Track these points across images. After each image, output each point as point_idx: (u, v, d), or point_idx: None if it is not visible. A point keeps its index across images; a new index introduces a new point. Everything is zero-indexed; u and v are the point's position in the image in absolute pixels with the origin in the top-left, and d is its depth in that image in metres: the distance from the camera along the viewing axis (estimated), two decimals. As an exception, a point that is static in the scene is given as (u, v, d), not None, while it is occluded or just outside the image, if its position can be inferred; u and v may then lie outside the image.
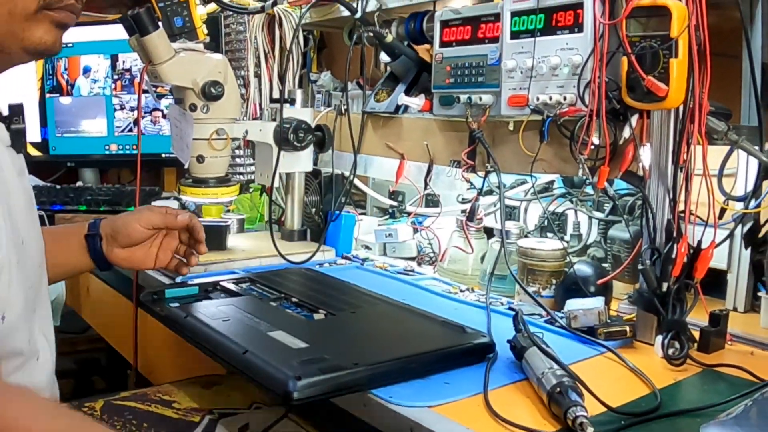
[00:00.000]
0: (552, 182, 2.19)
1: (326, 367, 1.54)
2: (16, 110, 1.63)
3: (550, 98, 1.89)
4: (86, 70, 3.87)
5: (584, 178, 2.01)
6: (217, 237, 2.59)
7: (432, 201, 2.68)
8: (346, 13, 2.66)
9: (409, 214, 2.72)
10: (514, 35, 1.99)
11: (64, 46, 2.87)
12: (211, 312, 1.91)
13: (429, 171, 2.47)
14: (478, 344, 1.70)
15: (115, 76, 3.92)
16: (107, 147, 3.99)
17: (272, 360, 1.59)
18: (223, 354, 1.71)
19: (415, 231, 2.62)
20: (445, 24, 2.20)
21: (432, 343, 1.75)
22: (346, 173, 2.80)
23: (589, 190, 2.28)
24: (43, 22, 1.50)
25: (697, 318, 1.75)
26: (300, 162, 2.69)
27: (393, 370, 1.60)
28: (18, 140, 1.65)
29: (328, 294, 2.16)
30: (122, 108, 3.92)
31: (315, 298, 2.07)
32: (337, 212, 2.79)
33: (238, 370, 1.65)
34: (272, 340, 1.71)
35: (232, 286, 2.17)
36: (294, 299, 2.07)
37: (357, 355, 1.62)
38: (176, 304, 1.91)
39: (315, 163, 2.82)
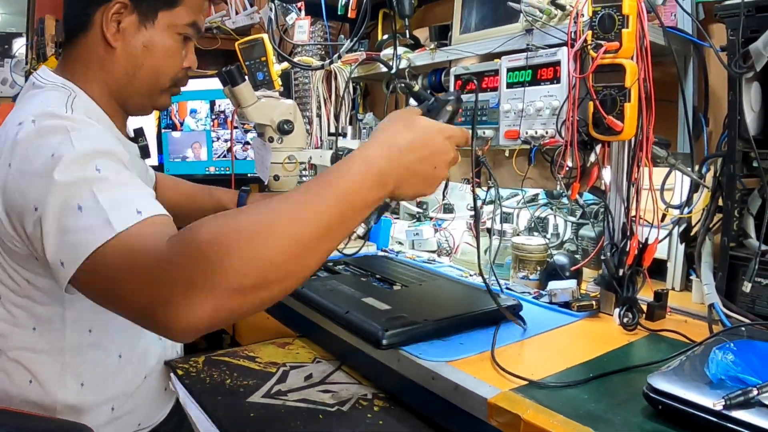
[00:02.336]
0: (537, 194, 2.19)
1: (404, 322, 1.64)
2: (139, 132, 1.76)
3: (536, 132, 1.90)
4: (192, 112, 3.90)
5: (561, 191, 2.02)
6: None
7: (448, 208, 2.69)
8: (384, 69, 2.67)
9: (431, 218, 2.73)
10: (509, 85, 1.99)
11: (176, 94, 2.88)
12: (318, 285, 2.00)
13: (446, 186, 2.47)
14: (511, 306, 1.77)
15: (213, 116, 3.94)
16: (207, 169, 3.99)
17: (366, 317, 1.68)
18: (332, 314, 1.80)
19: (436, 231, 2.63)
20: (458, 77, 2.21)
21: (479, 305, 1.83)
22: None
23: (564, 200, 2.29)
24: (167, 93, 1.72)
25: (645, 295, 1.76)
26: (350, 180, 2.71)
27: (451, 324, 1.70)
28: (143, 153, 1.75)
29: (400, 272, 2.24)
30: (218, 140, 3.93)
31: (392, 275, 2.17)
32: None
33: (342, 324, 1.73)
34: (365, 304, 1.81)
35: (332, 266, 2.32)
36: (377, 276, 2.17)
37: (426, 313, 1.71)
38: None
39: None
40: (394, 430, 1.48)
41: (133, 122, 1.84)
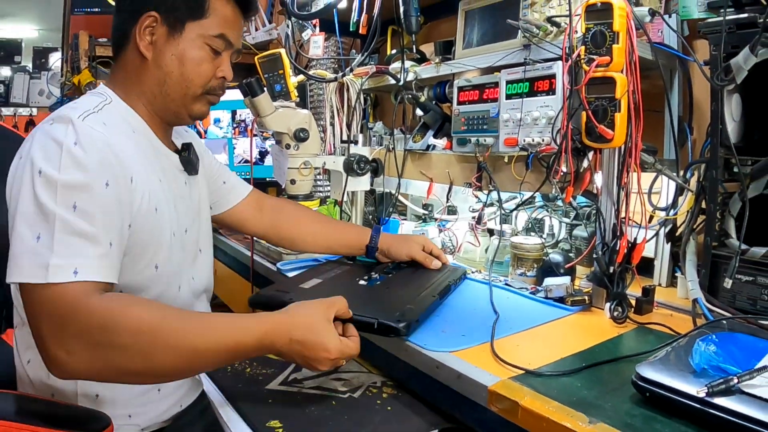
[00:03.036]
0: (534, 197, 2.19)
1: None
2: (186, 146, 1.73)
3: (533, 140, 1.90)
4: (216, 121, 3.90)
5: (556, 194, 2.02)
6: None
7: (452, 210, 2.69)
8: (393, 81, 2.67)
9: (436, 219, 2.73)
10: (509, 97, 1.99)
11: None
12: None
13: (450, 190, 2.48)
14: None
15: (234, 125, 3.94)
16: (230, 173, 4.01)
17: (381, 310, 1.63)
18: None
19: (440, 231, 2.62)
20: (461, 89, 2.21)
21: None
22: (393, 191, 2.80)
23: (559, 203, 2.29)
24: (202, 101, 1.68)
25: (634, 291, 1.76)
26: (361, 183, 2.71)
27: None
28: (189, 166, 1.74)
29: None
30: (239, 146, 3.94)
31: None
32: (387, 218, 2.80)
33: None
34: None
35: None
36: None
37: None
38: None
39: (371, 185, 2.83)
40: (402, 415, 1.49)
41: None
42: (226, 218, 2.15)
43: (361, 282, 1.90)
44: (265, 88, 2.37)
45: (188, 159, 1.73)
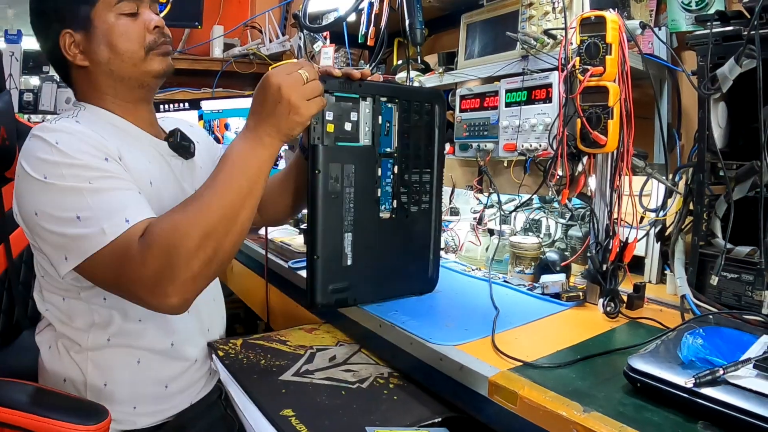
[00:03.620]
0: (531, 199, 2.20)
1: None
2: (171, 132, 1.72)
3: (531, 145, 1.90)
4: (227, 127, 3.88)
5: (553, 196, 2.02)
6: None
7: (454, 211, 2.69)
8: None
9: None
10: (508, 105, 1.99)
11: (217, 111, 2.84)
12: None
13: (452, 192, 2.48)
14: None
15: (250, 131, 3.96)
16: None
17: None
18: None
19: (444, 231, 2.63)
20: (463, 97, 2.21)
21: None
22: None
23: (555, 204, 2.29)
24: (153, 59, 1.61)
25: (626, 287, 1.76)
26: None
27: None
28: (181, 150, 1.73)
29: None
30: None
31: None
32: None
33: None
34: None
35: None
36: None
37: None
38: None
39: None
40: (407, 404, 1.49)
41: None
42: None
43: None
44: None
45: (177, 144, 1.72)
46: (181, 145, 1.72)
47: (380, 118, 1.73)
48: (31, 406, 1.36)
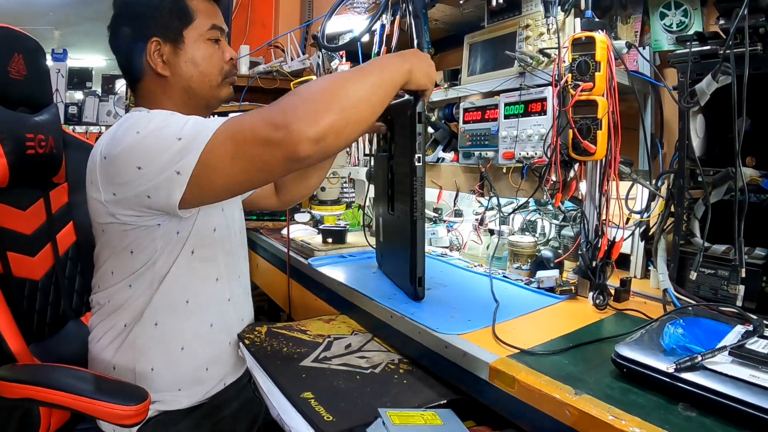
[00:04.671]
0: (528, 202, 2.20)
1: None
2: None
3: (527, 154, 1.90)
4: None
5: (547, 200, 2.02)
6: (340, 235, 2.63)
7: (458, 213, 2.69)
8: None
9: (445, 221, 2.73)
10: (506, 117, 1.99)
11: None
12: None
13: (456, 196, 2.48)
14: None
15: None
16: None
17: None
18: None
19: (448, 231, 2.63)
20: (466, 110, 2.21)
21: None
22: (408, 197, 2.81)
23: (550, 207, 2.29)
24: (225, 86, 1.74)
25: (613, 282, 1.76)
26: (381, 191, 2.72)
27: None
28: None
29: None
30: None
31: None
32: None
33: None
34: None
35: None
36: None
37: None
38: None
39: (390, 191, 2.83)
40: (415, 388, 1.49)
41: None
42: (253, 201, 2.23)
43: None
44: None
45: None
46: None
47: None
48: (77, 389, 1.37)
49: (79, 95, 5.10)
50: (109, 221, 1.50)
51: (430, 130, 2.80)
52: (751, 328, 1.29)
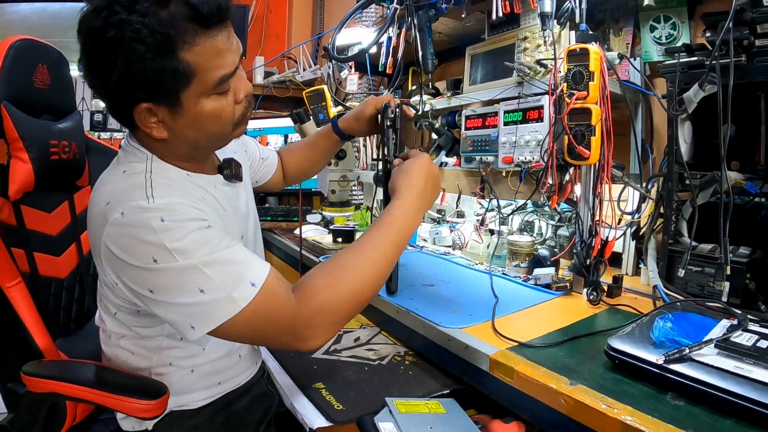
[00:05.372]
0: (526, 204, 2.20)
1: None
2: (228, 161, 1.50)
3: (525, 158, 1.90)
4: (268, 143, 3.89)
5: (544, 201, 2.02)
6: (350, 235, 2.64)
7: (460, 214, 2.69)
8: (413, 111, 2.68)
9: (448, 221, 2.73)
10: (506, 124, 1.99)
11: (259, 129, 2.81)
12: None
13: (459, 198, 2.48)
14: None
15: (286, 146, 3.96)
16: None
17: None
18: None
19: (451, 231, 2.63)
20: (467, 117, 2.21)
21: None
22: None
23: (546, 208, 2.29)
24: (237, 130, 1.35)
25: (606, 279, 1.76)
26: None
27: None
28: (232, 178, 1.50)
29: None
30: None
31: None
32: (408, 220, 2.82)
33: None
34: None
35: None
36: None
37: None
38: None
39: (396, 194, 2.83)
40: (420, 378, 1.50)
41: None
42: (264, 187, 2.09)
43: None
44: (311, 117, 2.39)
45: (231, 174, 1.50)
46: (233, 174, 1.51)
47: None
48: (99, 384, 1.38)
49: (103, 104, 5.11)
50: (106, 279, 1.31)
51: (434, 136, 2.80)
52: (735, 322, 1.29)
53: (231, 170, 1.50)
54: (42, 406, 1.52)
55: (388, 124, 1.66)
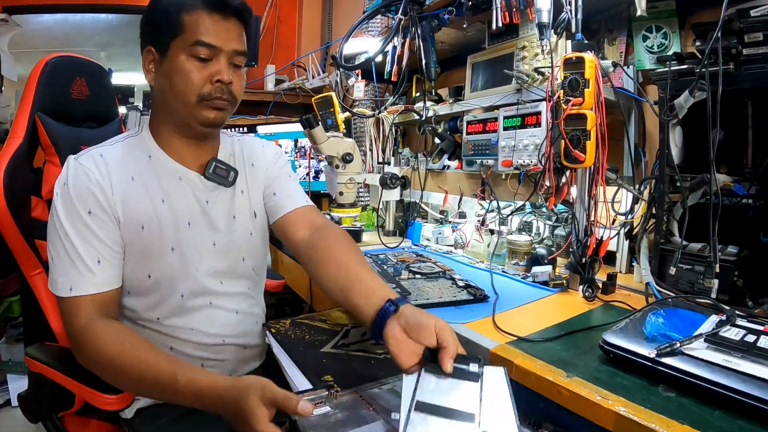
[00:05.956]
0: (524, 205, 2.20)
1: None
2: (210, 162, 1.58)
3: (524, 162, 1.90)
4: (279, 146, 3.90)
5: (542, 203, 2.02)
6: (356, 234, 2.65)
7: (462, 215, 2.70)
8: (417, 117, 2.68)
9: (450, 222, 2.74)
10: (505, 129, 2.00)
11: (270, 134, 2.82)
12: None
13: (460, 199, 2.48)
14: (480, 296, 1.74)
15: (296, 150, 3.96)
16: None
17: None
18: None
19: (453, 231, 2.63)
20: (468, 123, 2.22)
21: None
22: (417, 201, 2.82)
23: (544, 209, 2.29)
24: (203, 107, 1.44)
25: (601, 276, 1.76)
26: (393, 195, 2.72)
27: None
28: (218, 179, 1.58)
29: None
30: (300, 167, 3.96)
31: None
32: (413, 221, 2.82)
33: None
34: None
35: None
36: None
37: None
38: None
39: (401, 195, 2.83)
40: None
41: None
42: (274, 229, 1.74)
43: None
44: (319, 122, 2.39)
45: (212, 175, 1.57)
46: (216, 176, 1.58)
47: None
48: (72, 373, 1.44)
49: (122, 110, 5.13)
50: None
51: (437, 140, 2.81)
52: (724, 317, 1.30)
53: (212, 170, 1.57)
54: (44, 384, 1.55)
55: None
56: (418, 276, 1.97)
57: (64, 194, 1.37)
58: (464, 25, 2.27)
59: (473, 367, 1.13)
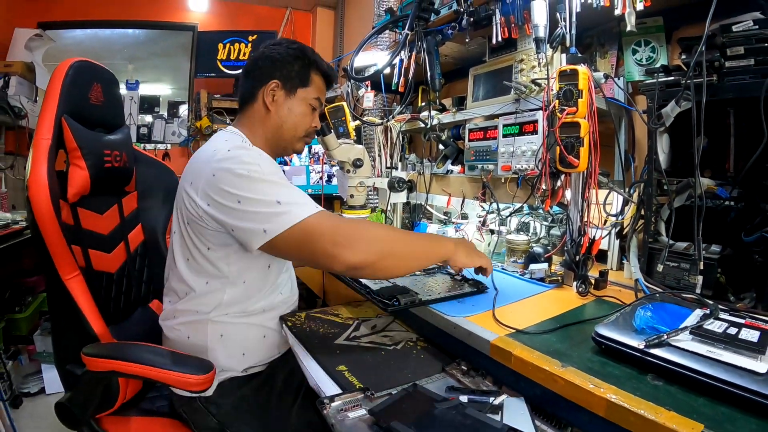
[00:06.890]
0: (522, 207, 2.20)
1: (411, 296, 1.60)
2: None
3: (522, 166, 1.91)
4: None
5: (538, 205, 2.02)
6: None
7: (464, 216, 2.70)
8: (423, 125, 2.69)
9: (453, 222, 2.74)
10: (504, 136, 2.00)
11: None
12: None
13: (463, 201, 2.49)
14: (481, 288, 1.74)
15: (310, 156, 3.97)
16: (307, 191, 4.00)
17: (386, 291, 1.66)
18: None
19: (456, 231, 2.64)
20: (470, 130, 2.22)
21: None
22: (422, 203, 2.82)
23: (540, 211, 2.29)
24: (302, 141, 1.86)
25: (593, 273, 1.76)
26: (400, 197, 2.72)
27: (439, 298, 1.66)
28: None
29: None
30: (313, 171, 3.96)
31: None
32: (418, 222, 2.82)
33: (371, 297, 1.70)
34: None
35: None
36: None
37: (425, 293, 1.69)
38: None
39: (407, 198, 2.83)
40: (430, 361, 1.51)
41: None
42: None
43: None
44: (332, 130, 2.39)
45: None
46: None
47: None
48: (153, 362, 1.40)
49: (148, 118, 5.14)
50: (194, 214, 1.52)
51: (441, 147, 2.82)
52: (708, 311, 1.30)
53: None
54: (99, 384, 1.55)
55: None
56: (418, 273, 1.98)
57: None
58: (466, 40, 2.27)
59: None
